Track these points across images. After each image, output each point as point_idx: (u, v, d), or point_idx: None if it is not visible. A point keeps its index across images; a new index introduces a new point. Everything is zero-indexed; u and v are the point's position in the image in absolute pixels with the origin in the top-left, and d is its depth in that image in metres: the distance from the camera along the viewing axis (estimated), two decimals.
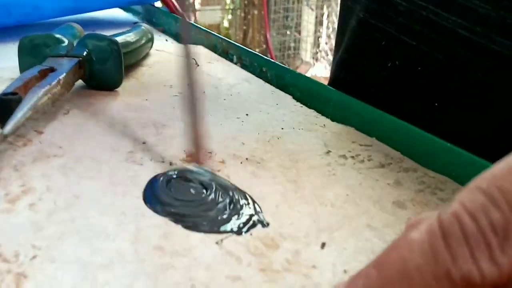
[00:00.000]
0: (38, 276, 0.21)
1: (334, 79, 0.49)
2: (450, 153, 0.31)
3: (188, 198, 0.27)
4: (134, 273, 0.22)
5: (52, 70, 0.38)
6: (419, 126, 0.34)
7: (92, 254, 0.23)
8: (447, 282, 0.14)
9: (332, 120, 0.39)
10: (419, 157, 0.33)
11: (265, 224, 0.25)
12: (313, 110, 0.41)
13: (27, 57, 0.42)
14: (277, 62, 0.50)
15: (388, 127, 0.36)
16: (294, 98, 0.44)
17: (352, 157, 0.33)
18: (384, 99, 0.39)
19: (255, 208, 0.27)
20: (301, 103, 0.43)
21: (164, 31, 0.70)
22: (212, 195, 0.28)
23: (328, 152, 0.34)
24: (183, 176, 0.29)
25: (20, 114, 0.30)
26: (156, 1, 0.77)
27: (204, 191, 0.28)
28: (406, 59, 0.39)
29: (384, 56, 0.41)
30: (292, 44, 3.11)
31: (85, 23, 0.56)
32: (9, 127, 0.29)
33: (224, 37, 0.62)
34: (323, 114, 0.40)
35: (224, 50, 0.59)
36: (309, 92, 0.44)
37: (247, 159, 0.33)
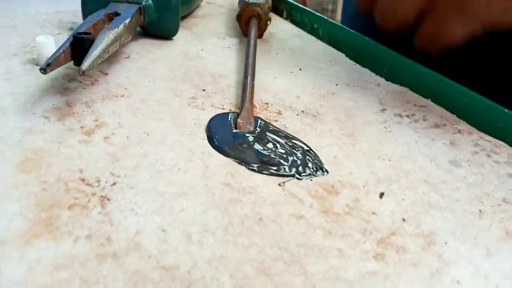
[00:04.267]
0: (120, 200, 0.23)
1: None
2: (506, 118, 0.32)
3: (248, 145, 0.29)
4: (206, 203, 0.23)
5: (116, 14, 0.39)
6: (474, 89, 0.34)
7: (166, 185, 0.25)
8: None
9: (387, 79, 0.39)
10: (474, 120, 0.33)
11: (324, 171, 0.27)
12: (367, 69, 0.41)
13: (90, 2, 0.43)
14: (329, 19, 0.50)
15: (443, 89, 0.36)
16: (347, 56, 0.44)
17: (408, 116, 0.34)
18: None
19: (314, 156, 0.28)
20: (354, 61, 0.43)
21: None
22: (273, 142, 0.29)
23: (384, 110, 0.34)
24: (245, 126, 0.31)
25: (95, 52, 0.31)
26: None
27: (266, 137, 0.29)
28: None
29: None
30: (330, 7, 3.02)
31: None
32: (86, 63, 0.30)
33: None
34: (377, 74, 0.40)
35: (274, 5, 0.59)
36: (362, 51, 0.44)
37: (303, 111, 0.34)
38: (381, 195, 0.25)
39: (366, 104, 0.35)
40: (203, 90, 0.36)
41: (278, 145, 0.29)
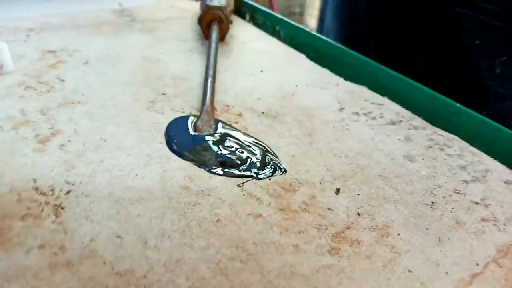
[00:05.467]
0: (74, 208, 0.23)
1: None
2: (459, 113, 0.33)
3: (208, 147, 0.29)
4: (163, 208, 0.23)
5: None
6: (430, 86, 0.35)
7: (123, 190, 0.24)
8: None
9: (346, 79, 0.40)
10: (429, 116, 0.34)
11: (282, 170, 0.27)
12: (327, 70, 0.42)
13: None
14: (290, 21, 0.50)
15: (399, 87, 0.37)
16: (308, 57, 0.45)
17: (365, 114, 0.34)
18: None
19: (273, 156, 0.28)
20: (315, 62, 0.44)
21: None
22: (231, 144, 0.29)
23: (342, 109, 0.35)
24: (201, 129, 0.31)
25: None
26: None
27: (225, 140, 0.30)
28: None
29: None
30: (298, 10, 3.05)
31: None
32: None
33: None
34: (336, 74, 0.41)
35: (236, 8, 0.59)
36: (323, 53, 0.44)
37: (263, 113, 0.34)
38: (337, 191, 0.25)
39: (325, 104, 0.36)
40: (163, 94, 0.36)
41: (237, 147, 0.29)
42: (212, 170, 0.27)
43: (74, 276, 0.19)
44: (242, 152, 0.28)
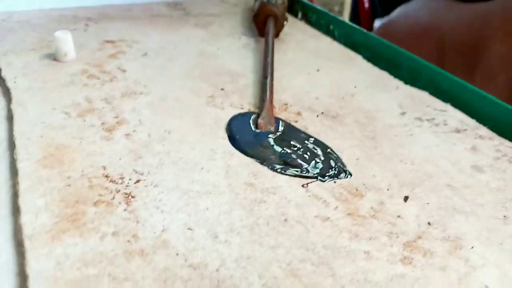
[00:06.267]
0: (144, 198, 0.23)
1: None
2: None
3: (270, 145, 0.29)
4: (230, 203, 0.23)
5: None
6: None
7: (190, 183, 0.24)
8: None
9: (405, 83, 0.39)
10: (495, 126, 0.33)
11: (347, 174, 0.26)
12: (385, 72, 0.41)
13: None
14: (345, 21, 0.50)
15: (463, 93, 0.36)
16: (364, 58, 0.44)
17: (428, 120, 0.33)
18: None
19: (337, 158, 0.28)
20: (372, 63, 0.43)
21: None
22: (293, 143, 0.29)
23: (403, 113, 0.34)
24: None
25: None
26: None
27: (288, 139, 0.29)
28: None
29: None
30: (337, 8, 3.02)
31: None
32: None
33: None
34: (395, 77, 0.40)
35: (288, 6, 0.59)
36: (380, 54, 0.43)
37: (322, 113, 0.34)
38: (406, 198, 0.25)
39: (385, 108, 0.35)
40: (222, 89, 0.36)
41: (300, 146, 0.29)
42: (275, 168, 0.26)
43: (149, 266, 0.19)
44: (305, 152, 0.28)
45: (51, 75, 0.36)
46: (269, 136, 0.29)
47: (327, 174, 0.26)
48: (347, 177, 0.26)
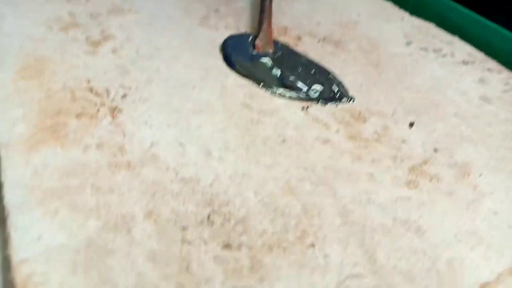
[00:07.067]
0: (131, 112, 0.21)
1: None
2: None
3: (268, 67, 0.27)
4: (225, 122, 0.22)
5: None
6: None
7: (182, 101, 0.23)
8: None
9: (411, 14, 0.37)
10: (504, 59, 0.31)
11: (350, 98, 0.25)
12: (390, 3, 0.39)
13: None
14: None
15: (471, 25, 0.34)
16: None
17: (434, 50, 0.32)
18: None
19: (339, 83, 0.26)
20: None
21: None
22: (294, 66, 0.27)
23: (409, 43, 0.32)
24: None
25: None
26: None
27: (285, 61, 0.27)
28: None
29: None
30: None
31: None
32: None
33: None
34: (401, 7, 0.38)
35: None
36: None
37: (324, 38, 0.31)
38: (411, 124, 0.23)
39: (390, 37, 0.33)
40: (216, 10, 0.33)
41: (300, 69, 0.27)
42: (274, 90, 0.25)
43: (136, 178, 0.17)
44: (305, 76, 0.26)
45: None
46: (267, 57, 0.27)
47: (328, 98, 0.25)
48: (349, 101, 0.25)
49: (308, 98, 0.24)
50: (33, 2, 0.30)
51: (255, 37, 0.29)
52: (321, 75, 0.27)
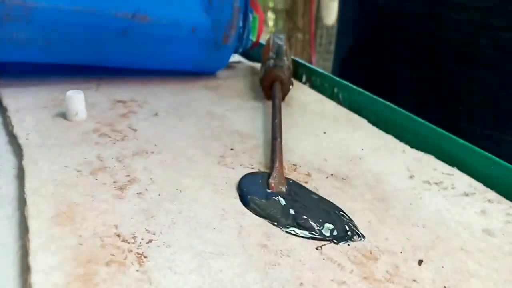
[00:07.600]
0: (157, 258, 0.23)
1: None
2: None
3: (282, 206, 0.29)
4: (244, 265, 0.23)
5: None
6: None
7: (203, 243, 0.24)
8: None
9: (411, 146, 0.40)
10: (503, 189, 0.33)
11: (361, 236, 0.26)
12: (391, 136, 0.42)
13: None
14: (350, 84, 0.51)
15: (469, 157, 0.36)
16: (369, 122, 0.45)
17: (436, 183, 0.34)
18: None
19: (349, 220, 0.28)
20: (377, 127, 0.44)
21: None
22: (307, 204, 0.29)
23: (412, 176, 0.34)
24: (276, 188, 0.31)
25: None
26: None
27: (298, 200, 0.29)
28: None
29: None
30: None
31: None
32: None
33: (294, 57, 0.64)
34: (401, 140, 0.41)
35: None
36: (384, 118, 0.45)
37: (332, 174, 0.34)
38: (420, 262, 0.25)
39: (393, 171, 0.35)
40: (231, 149, 0.36)
41: (312, 208, 0.29)
42: (289, 230, 0.26)
43: None
44: (317, 214, 0.28)
45: (63, 132, 0.36)
46: (280, 196, 0.29)
47: (340, 237, 0.26)
48: (360, 239, 0.26)
49: (321, 237, 0.26)
50: (63, 146, 0.34)
51: (269, 176, 0.32)
52: (332, 212, 0.28)
